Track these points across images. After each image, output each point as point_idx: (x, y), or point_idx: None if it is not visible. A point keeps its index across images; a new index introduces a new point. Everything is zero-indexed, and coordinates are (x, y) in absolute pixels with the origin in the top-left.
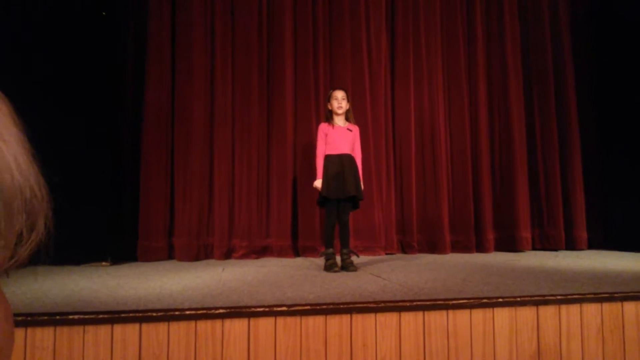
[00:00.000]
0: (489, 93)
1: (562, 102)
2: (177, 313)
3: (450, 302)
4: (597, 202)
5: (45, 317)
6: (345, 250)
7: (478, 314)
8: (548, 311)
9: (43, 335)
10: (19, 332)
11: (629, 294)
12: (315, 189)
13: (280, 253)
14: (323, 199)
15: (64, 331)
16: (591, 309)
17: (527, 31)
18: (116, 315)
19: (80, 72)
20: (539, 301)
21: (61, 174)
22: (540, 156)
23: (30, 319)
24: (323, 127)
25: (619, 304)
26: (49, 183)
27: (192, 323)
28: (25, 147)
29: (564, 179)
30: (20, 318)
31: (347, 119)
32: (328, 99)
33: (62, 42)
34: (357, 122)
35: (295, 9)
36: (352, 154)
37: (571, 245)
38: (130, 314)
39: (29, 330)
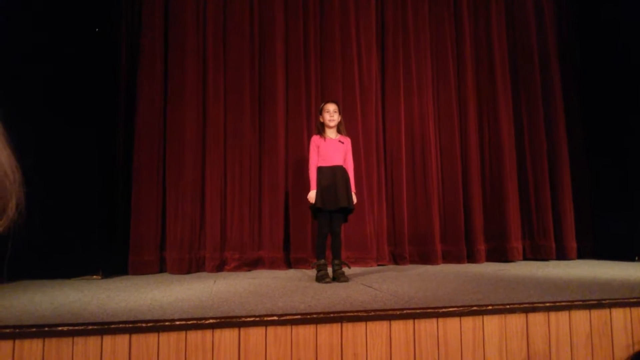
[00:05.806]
0: (478, 105)
1: (550, 113)
2: (167, 323)
3: (440, 310)
4: (586, 212)
5: (34, 329)
6: (337, 261)
7: (468, 322)
8: (537, 318)
9: (31, 347)
10: (7, 345)
11: (617, 301)
12: (307, 200)
13: (273, 265)
14: (316, 210)
15: (52, 343)
16: (580, 315)
17: (515, 43)
18: (105, 327)
19: (73, 87)
20: (528, 308)
21: (54, 190)
22: (530, 167)
23: (18, 331)
24: (315, 139)
25: (607, 311)
26: (22, 166)
27: (182, 333)
28: None
29: (554, 190)
30: (7, 330)
31: (338, 131)
32: (320, 111)
33: (55, 54)
34: (348, 134)
35: (286, 24)
36: (344, 166)
37: (562, 255)
38: (120, 325)
39: (17, 342)
